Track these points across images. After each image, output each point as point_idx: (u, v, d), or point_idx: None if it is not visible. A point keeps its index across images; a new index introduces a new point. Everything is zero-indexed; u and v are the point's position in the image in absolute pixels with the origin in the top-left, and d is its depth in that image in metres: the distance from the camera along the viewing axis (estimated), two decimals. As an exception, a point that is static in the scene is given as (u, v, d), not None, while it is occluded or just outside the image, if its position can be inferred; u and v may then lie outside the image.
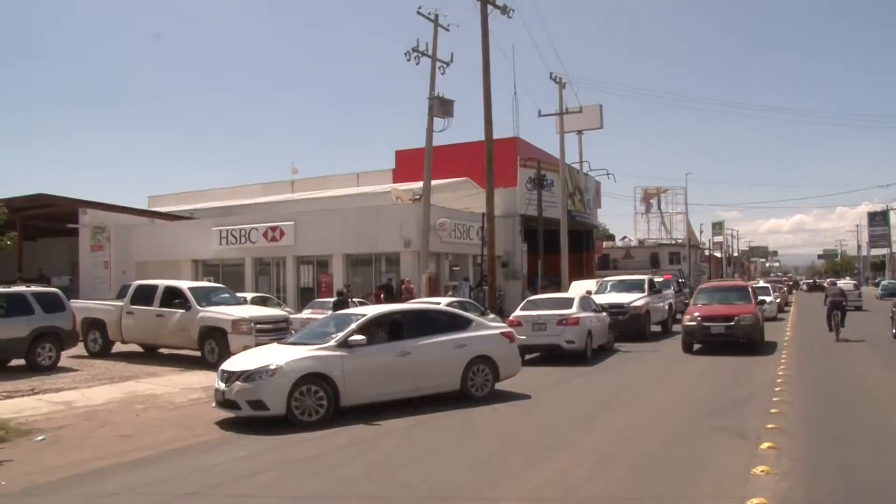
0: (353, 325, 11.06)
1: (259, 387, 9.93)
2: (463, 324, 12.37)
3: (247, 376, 10.03)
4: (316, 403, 10.09)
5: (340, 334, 10.88)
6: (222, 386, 10.24)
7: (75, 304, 20.23)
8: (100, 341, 19.07)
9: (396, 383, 11.05)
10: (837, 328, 21.41)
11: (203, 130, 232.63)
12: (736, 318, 18.00)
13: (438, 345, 11.65)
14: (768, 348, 18.86)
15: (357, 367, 10.57)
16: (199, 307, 17.14)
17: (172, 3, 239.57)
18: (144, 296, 18.35)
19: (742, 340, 17.99)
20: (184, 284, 18.84)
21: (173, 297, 17.66)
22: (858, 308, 36.69)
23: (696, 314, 18.67)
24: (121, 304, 18.78)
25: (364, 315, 11.56)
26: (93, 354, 18.91)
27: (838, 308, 21.81)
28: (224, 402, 10.22)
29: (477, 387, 11.87)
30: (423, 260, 27.76)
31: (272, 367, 10.06)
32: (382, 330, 11.61)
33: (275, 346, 11.86)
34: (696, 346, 18.74)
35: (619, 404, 11.89)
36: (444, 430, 10.04)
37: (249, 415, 10.00)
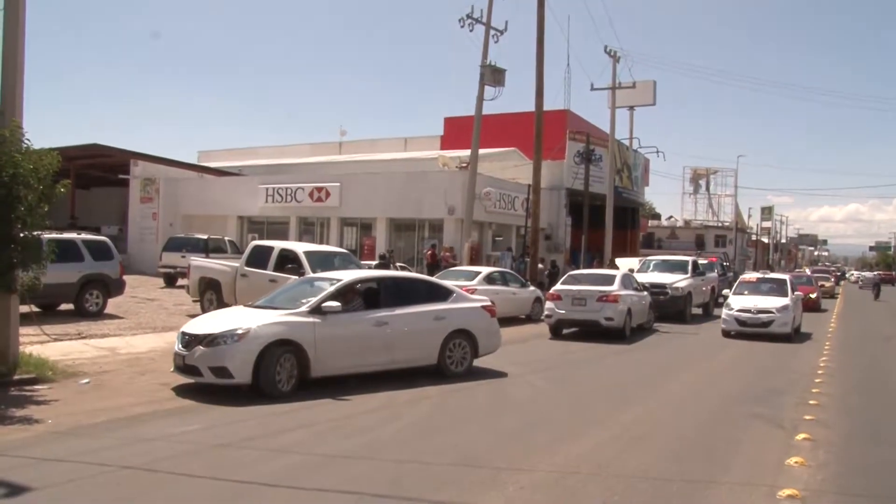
0: (328, 291, 10.29)
1: (223, 352, 9.15)
2: (443, 295, 11.60)
3: (210, 340, 9.24)
4: (286, 373, 9.35)
5: (314, 299, 10.09)
6: (182, 350, 9.47)
7: (194, 261, 19.18)
8: (215, 302, 17.56)
9: (371, 355, 10.31)
10: (877, 294, 44.19)
11: (255, 89, 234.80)
12: None
13: (417, 316, 10.89)
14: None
15: (330, 335, 9.81)
16: (312, 273, 15.42)
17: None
18: (259, 258, 17.11)
19: None
20: (299, 248, 17.42)
21: (287, 262, 16.44)
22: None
23: None
24: (237, 264, 17.62)
25: (339, 280, 10.80)
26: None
27: (877, 285, 46.93)
28: (184, 367, 9.44)
29: (455, 362, 11.21)
30: (467, 228, 27.69)
31: (239, 331, 9.26)
32: (359, 297, 10.79)
33: (240, 308, 11.02)
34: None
35: (654, 384, 11.78)
36: (464, 404, 10.06)
37: (211, 382, 9.28)
